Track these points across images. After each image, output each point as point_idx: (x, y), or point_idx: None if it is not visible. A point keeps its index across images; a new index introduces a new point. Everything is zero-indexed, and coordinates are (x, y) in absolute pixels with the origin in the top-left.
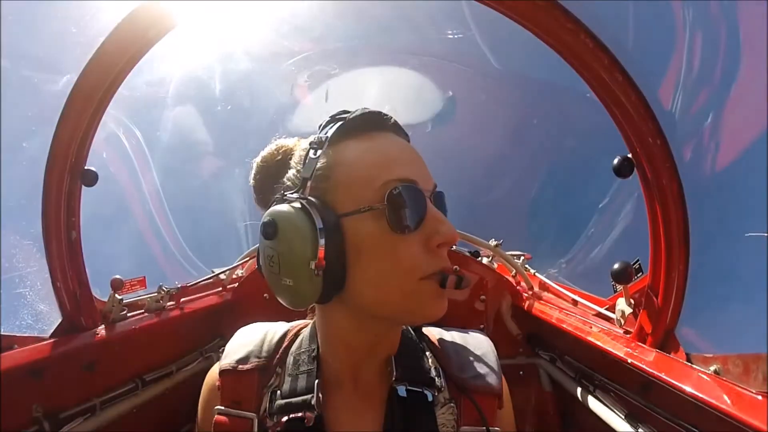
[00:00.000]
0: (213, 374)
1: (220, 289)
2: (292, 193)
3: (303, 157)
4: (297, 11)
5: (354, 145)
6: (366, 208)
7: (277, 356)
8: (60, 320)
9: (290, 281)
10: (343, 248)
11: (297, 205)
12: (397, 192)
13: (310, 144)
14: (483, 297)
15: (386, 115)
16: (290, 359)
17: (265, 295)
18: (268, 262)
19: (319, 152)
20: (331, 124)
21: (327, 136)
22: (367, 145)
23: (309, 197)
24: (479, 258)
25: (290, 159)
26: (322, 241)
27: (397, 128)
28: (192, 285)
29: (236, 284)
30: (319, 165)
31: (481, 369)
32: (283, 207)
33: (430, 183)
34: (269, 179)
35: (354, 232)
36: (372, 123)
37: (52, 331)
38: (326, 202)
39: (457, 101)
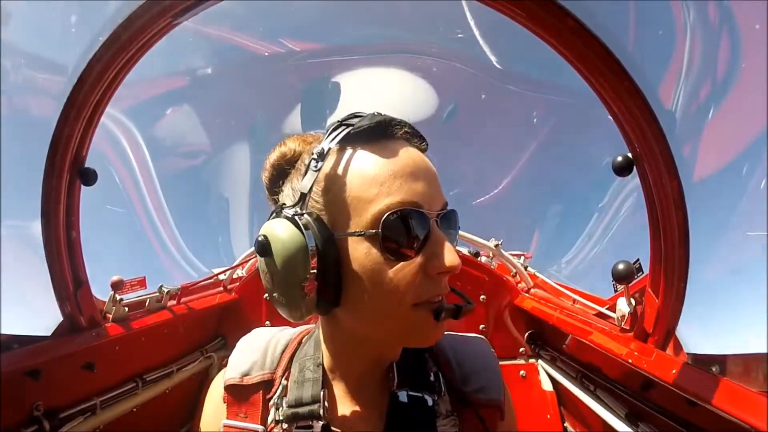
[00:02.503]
0: (218, 387)
1: (221, 289)
2: (290, 207)
3: (305, 168)
4: (297, 11)
5: (358, 158)
6: (361, 232)
7: (282, 365)
8: (60, 320)
9: (283, 299)
10: (338, 269)
11: (291, 222)
12: (395, 218)
13: (311, 154)
14: (483, 297)
15: (399, 122)
16: (295, 366)
17: (265, 295)
18: (264, 277)
19: (320, 164)
20: (338, 131)
21: (329, 147)
22: (372, 158)
23: (306, 213)
24: (479, 258)
25: (296, 163)
26: (314, 262)
27: (410, 136)
28: (192, 285)
29: (236, 284)
30: (319, 177)
31: (484, 381)
32: (277, 224)
33: (439, 203)
34: (278, 181)
35: (349, 254)
36: (380, 132)
37: (52, 331)
38: (323, 219)
39: (457, 101)
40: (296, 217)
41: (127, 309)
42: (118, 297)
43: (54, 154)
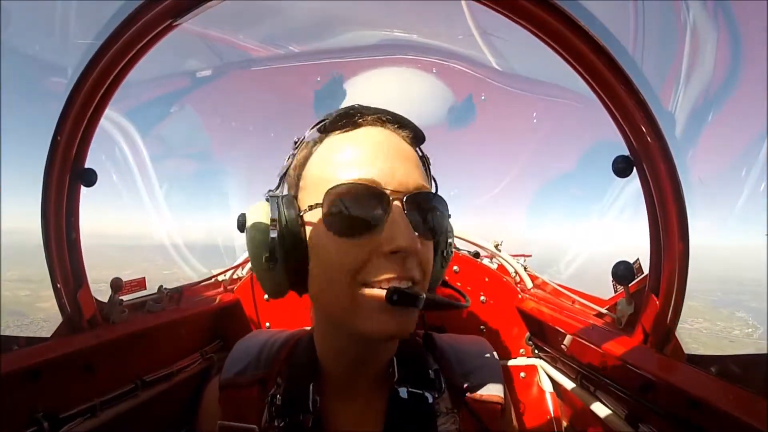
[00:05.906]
0: (213, 389)
1: (221, 290)
2: (273, 190)
3: (288, 156)
4: (297, 12)
5: (326, 143)
6: (313, 205)
7: (278, 365)
8: (60, 321)
9: (257, 272)
10: (299, 243)
11: (265, 200)
12: (337, 192)
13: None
14: (483, 298)
15: (368, 109)
16: (292, 364)
17: (265, 296)
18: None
19: (296, 151)
20: (317, 123)
21: (305, 136)
22: (336, 142)
23: (280, 194)
24: (479, 258)
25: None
26: (274, 235)
27: (384, 122)
28: (192, 286)
29: (237, 285)
30: (294, 163)
31: (483, 378)
32: (255, 204)
33: (407, 184)
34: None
35: (308, 229)
36: (348, 119)
37: (52, 332)
38: (295, 198)
39: (457, 101)
40: (269, 196)
41: (126, 310)
42: (118, 298)
43: (54, 154)
